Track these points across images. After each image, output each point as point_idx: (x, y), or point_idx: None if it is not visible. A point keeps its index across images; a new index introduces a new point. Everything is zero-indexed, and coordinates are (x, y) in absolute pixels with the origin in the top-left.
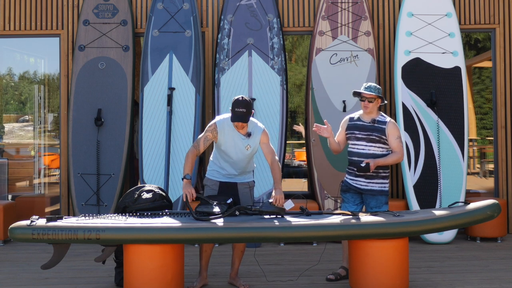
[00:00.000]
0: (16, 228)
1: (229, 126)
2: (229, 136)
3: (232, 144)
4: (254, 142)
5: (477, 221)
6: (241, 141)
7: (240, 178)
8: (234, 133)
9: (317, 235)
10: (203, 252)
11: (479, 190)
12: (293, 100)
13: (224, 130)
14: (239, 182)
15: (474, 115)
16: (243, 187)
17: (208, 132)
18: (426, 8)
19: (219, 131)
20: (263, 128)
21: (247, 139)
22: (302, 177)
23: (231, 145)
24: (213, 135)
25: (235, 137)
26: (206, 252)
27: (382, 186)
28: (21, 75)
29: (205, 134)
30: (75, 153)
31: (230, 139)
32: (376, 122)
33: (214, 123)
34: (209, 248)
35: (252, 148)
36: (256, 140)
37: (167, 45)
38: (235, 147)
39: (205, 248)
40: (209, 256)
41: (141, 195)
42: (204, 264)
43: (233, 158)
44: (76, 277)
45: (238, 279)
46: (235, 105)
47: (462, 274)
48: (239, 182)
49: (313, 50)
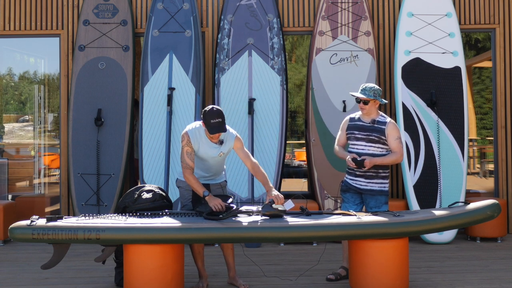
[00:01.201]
0: (16, 228)
1: (201, 135)
2: (201, 145)
3: (205, 151)
4: (227, 148)
5: (477, 221)
6: (214, 149)
7: (212, 180)
8: (206, 141)
9: (317, 235)
10: (196, 254)
11: (479, 190)
12: (293, 100)
13: (196, 139)
14: (212, 183)
15: (474, 115)
16: (215, 187)
17: (186, 147)
18: (426, 8)
19: (192, 141)
20: (236, 134)
21: (220, 147)
22: (302, 177)
23: (204, 152)
24: (190, 147)
25: (207, 146)
26: (199, 253)
27: (381, 186)
28: (21, 75)
29: (184, 150)
30: (75, 153)
31: (202, 148)
32: (376, 123)
33: (186, 135)
34: (201, 248)
35: (225, 154)
36: (229, 146)
37: (167, 45)
38: (207, 154)
39: (197, 249)
40: (203, 256)
41: (141, 195)
42: (201, 265)
43: (205, 164)
44: (76, 277)
45: (238, 279)
46: (210, 116)
47: (462, 274)
48: (211, 183)
49: (313, 50)
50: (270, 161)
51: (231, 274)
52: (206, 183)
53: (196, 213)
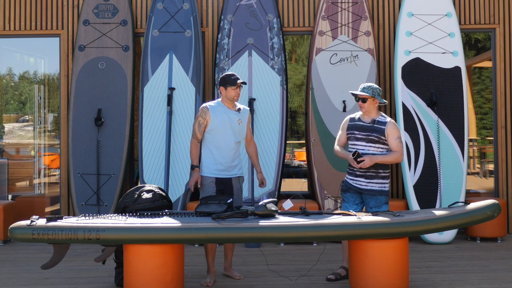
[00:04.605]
0: (16, 228)
1: (220, 106)
2: (222, 114)
3: (226, 121)
4: (244, 117)
5: (477, 221)
6: (234, 115)
7: (232, 171)
8: (226, 110)
9: (317, 235)
10: (209, 251)
11: (479, 190)
12: (293, 100)
13: (216, 110)
14: (233, 176)
15: (474, 115)
16: (236, 183)
17: (199, 117)
18: (426, 8)
19: (212, 112)
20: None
21: (238, 114)
22: (302, 177)
23: (224, 122)
24: (204, 119)
25: (228, 113)
26: (212, 249)
27: (381, 186)
28: (21, 75)
29: (197, 121)
30: (75, 153)
31: (224, 116)
32: (376, 123)
33: (204, 107)
34: (215, 246)
35: (243, 124)
36: (246, 115)
37: (167, 45)
38: (230, 123)
39: (210, 246)
40: (214, 252)
41: (141, 195)
42: (212, 261)
43: (223, 141)
44: (76, 277)
45: (233, 270)
46: (227, 76)
47: (462, 274)
48: (233, 177)
49: (313, 50)
50: (270, 161)
51: (226, 265)
52: (228, 176)
53: (196, 213)
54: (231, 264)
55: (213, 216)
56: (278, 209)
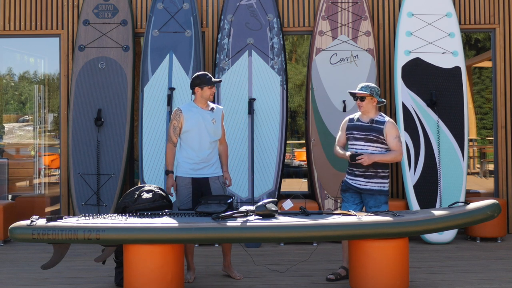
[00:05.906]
0: (16, 228)
1: (193, 107)
2: (196, 115)
3: (200, 121)
4: (217, 116)
5: (477, 221)
6: (208, 115)
7: (209, 170)
8: (199, 110)
9: (317, 235)
10: (188, 250)
11: (479, 190)
12: (293, 100)
13: (190, 111)
14: (210, 176)
15: (474, 115)
16: (214, 183)
17: (173, 120)
18: (426, 8)
19: (185, 113)
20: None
21: (212, 113)
22: (302, 177)
23: (198, 122)
24: (178, 121)
25: (202, 113)
26: (190, 248)
27: (381, 186)
28: (21, 75)
29: (171, 124)
30: (75, 153)
31: (198, 117)
32: (375, 122)
33: (177, 109)
34: (193, 246)
35: (217, 123)
36: (219, 115)
37: (167, 45)
38: (204, 123)
39: (189, 246)
40: (193, 251)
41: (141, 195)
42: (191, 259)
43: (201, 138)
44: (76, 277)
45: (233, 270)
46: (201, 75)
47: (462, 274)
48: (210, 177)
49: (313, 50)
50: (270, 161)
51: (225, 264)
52: (205, 176)
53: (196, 213)
54: (230, 263)
55: (213, 216)
56: (278, 209)
